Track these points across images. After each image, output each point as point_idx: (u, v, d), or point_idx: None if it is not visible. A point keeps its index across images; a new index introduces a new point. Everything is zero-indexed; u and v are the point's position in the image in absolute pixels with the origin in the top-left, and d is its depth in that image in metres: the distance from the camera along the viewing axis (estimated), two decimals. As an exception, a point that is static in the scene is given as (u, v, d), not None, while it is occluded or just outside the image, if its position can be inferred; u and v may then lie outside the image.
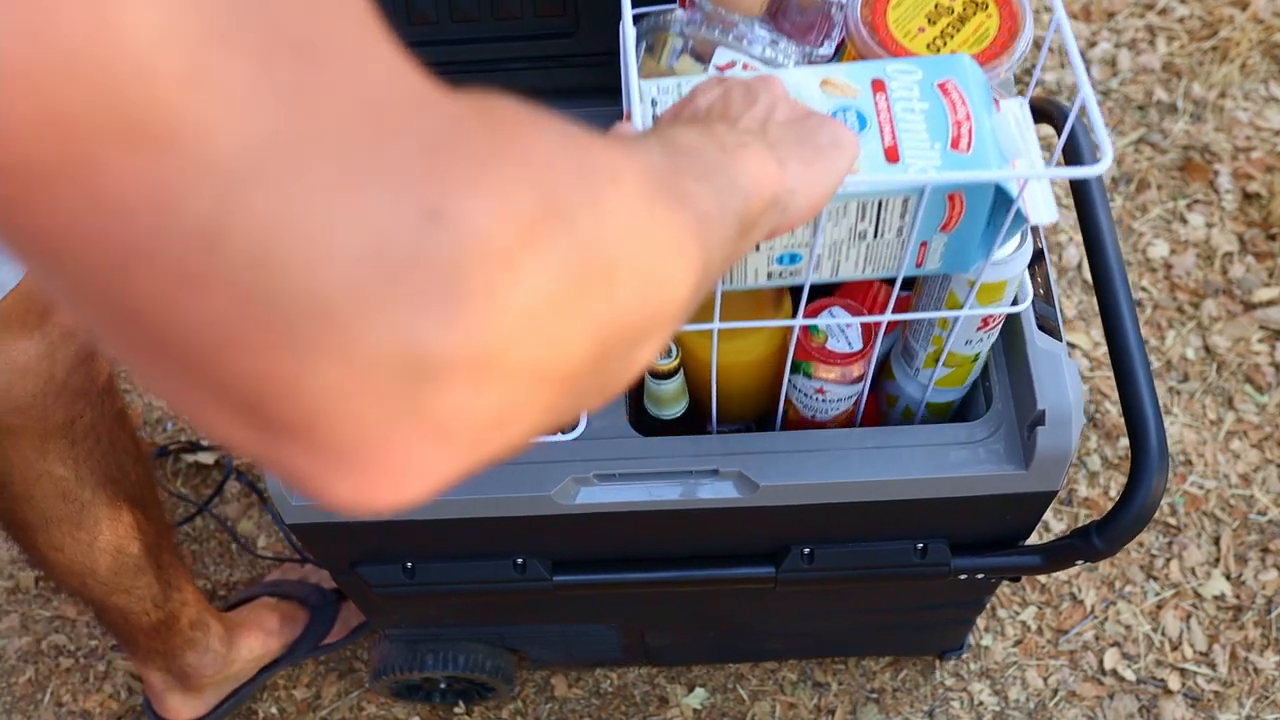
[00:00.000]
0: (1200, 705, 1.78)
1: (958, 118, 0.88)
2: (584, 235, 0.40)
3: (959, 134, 0.88)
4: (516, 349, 0.37)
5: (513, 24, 1.30)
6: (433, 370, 0.35)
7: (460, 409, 0.37)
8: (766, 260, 0.95)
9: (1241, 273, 2.12)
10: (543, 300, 0.38)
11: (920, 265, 0.96)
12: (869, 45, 1.03)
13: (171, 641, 1.61)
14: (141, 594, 1.51)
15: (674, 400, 1.16)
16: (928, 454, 1.12)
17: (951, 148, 0.87)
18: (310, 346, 0.33)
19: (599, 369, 0.44)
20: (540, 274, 0.38)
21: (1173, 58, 2.39)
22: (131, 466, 1.41)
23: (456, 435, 0.37)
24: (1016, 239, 1.01)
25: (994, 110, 0.91)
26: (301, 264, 0.32)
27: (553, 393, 0.41)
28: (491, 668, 1.60)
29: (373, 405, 0.35)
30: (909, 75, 0.91)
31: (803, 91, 0.90)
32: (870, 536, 1.23)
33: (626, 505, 1.15)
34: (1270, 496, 1.93)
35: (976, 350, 1.12)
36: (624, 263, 0.43)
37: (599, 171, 0.44)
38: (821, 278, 0.96)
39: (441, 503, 1.13)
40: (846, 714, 1.79)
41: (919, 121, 0.88)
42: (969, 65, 0.92)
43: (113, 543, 1.42)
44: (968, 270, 0.98)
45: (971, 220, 0.91)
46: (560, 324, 0.39)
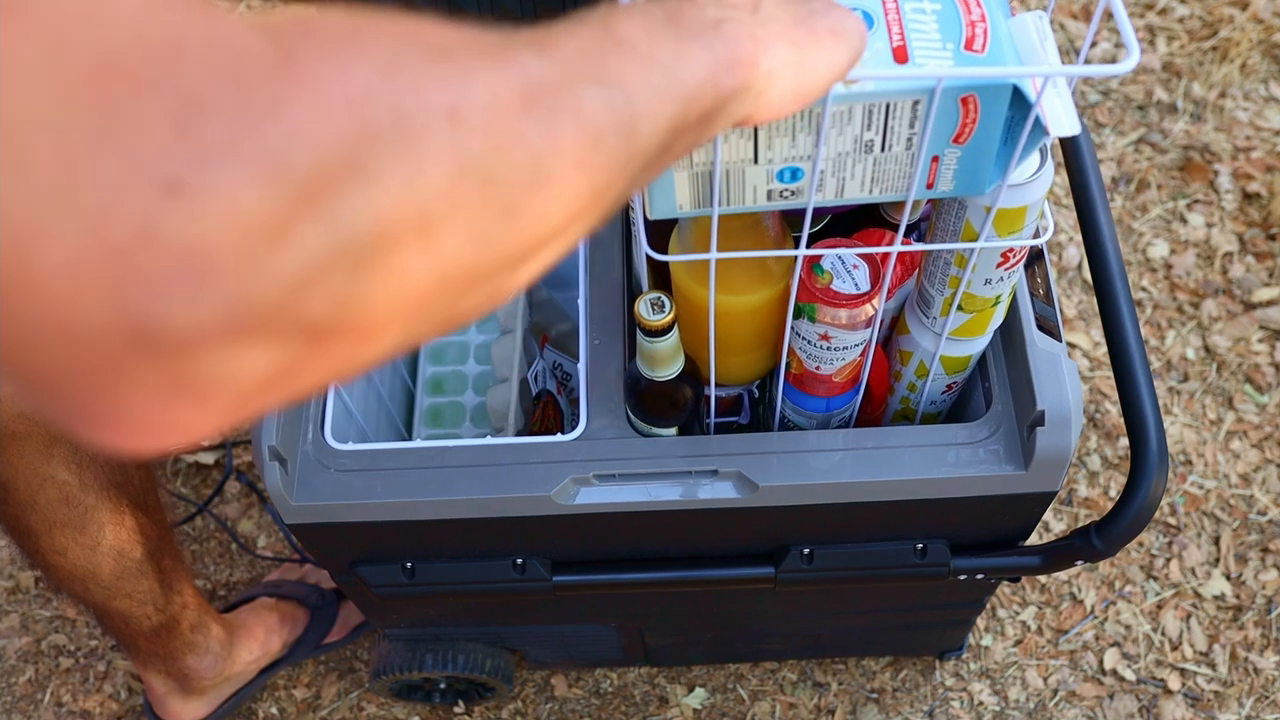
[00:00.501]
0: (1200, 705, 1.78)
1: (972, 18, 0.82)
2: (391, 190, 0.37)
3: (973, 34, 0.82)
4: (284, 315, 0.35)
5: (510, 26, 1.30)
6: (174, 343, 0.33)
7: (216, 375, 0.35)
8: (766, 176, 0.87)
9: (1241, 273, 2.13)
10: (322, 266, 0.36)
11: (931, 186, 0.89)
12: None
13: (172, 645, 1.60)
14: (143, 598, 1.51)
15: (669, 360, 1.08)
16: (927, 454, 1.12)
17: (965, 48, 0.81)
18: (30, 331, 0.32)
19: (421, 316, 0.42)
20: (320, 239, 0.35)
21: (1173, 58, 2.40)
22: (133, 471, 1.41)
23: (214, 397, 0.36)
24: (1036, 159, 0.94)
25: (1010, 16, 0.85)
26: (11, 251, 0.30)
27: (345, 346, 0.39)
28: (491, 668, 1.60)
29: (113, 377, 0.33)
30: None
31: None
32: (870, 537, 1.23)
33: (626, 506, 1.15)
34: (1270, 496, 1.93)
35: (997, 292, 1.05)
36: (450, 212, 0.40)
37: (427, 110, 0.40)
38: (825, 199, 0.89)
39: (441, 503, 1.13)
40: (846, 714, 1.79)
41: (930, 21, 0.82)
42: None
43: (115, 547, 1.42)
44: (983, 192, 0.91)
45: (986, 129, 0.84)
46: (351, 285, 0.37)
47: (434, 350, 1.65)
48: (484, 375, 1.60)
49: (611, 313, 1.23)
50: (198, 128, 0.32)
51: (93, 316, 0.32)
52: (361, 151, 0.36)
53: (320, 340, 0.37)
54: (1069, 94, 0.84)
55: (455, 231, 0.40)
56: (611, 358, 1.20)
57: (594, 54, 0.52)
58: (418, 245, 0.39)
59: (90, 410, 0.34)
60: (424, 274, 0.40)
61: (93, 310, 0.31)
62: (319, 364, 0.38)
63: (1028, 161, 0.93)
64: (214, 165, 0.32)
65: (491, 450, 1.15)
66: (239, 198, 0.33)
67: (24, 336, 0.32)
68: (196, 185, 0.32)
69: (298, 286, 0.35)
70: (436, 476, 1.13)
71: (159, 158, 0.32)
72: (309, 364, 0.38)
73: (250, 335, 0.34)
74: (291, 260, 0.34)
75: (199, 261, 0.32)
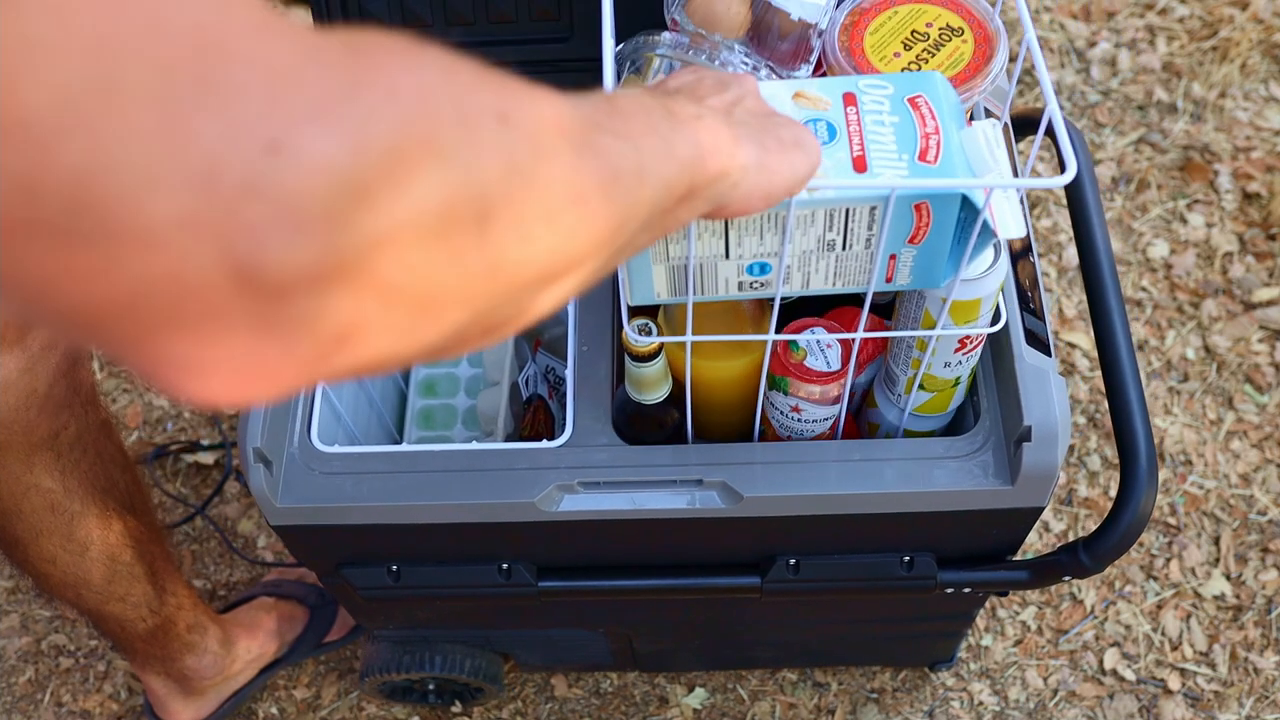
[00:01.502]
0: (1200, 705, 1.77)
1: (926, 130, 0.89)
2: (456, 173, 0.42)
3: (927, 146, 0.89)
4: (363, 269, 0.39)
5: (507, 28, 1.30)
6: (272, 285, 0.37)
7: (303, 319, 0.38)
8: (736, 270, 0.95)
9: (1241, 273, 2.12)
10: (398, 230, 0.40)
11: (890, 280, 0.97)
12: (845, 70, 1.05)
13: (169, 646, 1.61)
14: (136, 601, 1.51)
15: (656, 385, 1.12)
16: (913, 467, 1.12)
17: (919, 159, 0.88)
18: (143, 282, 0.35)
19: (473, 304, 0.46)
20: (398, 205, 0.39)
21: (1173, 58, 2.39)
22: (120, 475, 1.41)
23: (299, 344, 0.39)
24: (990, 256, 1.01)
25: (965, 126, 0.92)
26: (124, 203, 0.33)
27: (410, 318, 0.43)
28: (471, 669, 1.60)
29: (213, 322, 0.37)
30: (880, 90, 0.92)
31: (776, 102, 0.90)
32: (856, 549, 1.23)
33: (610, 514, 1.15)
34: (1270, 496, 1.93)
35: (956, 374, 1.12)
36: (502, 205, 0.44)
37: (483, 111, 0.44)
38: (792, 290, 0.97)
39: (427, 507, 1.14)
40: (846, 714, 1.79)
41: (888, 134, 0.89)
42: (940, 82, 0.93)
43: (105, 552, 1.42)
44: (939, 286, 0.98)
45: (939, 232, 0.92)
46: (420, 254, 0.41)
47: (427, 352, 1.65)
48: (476, 378, 1.61)
49: (599, 320, 1.23)
50: (289, 97, 0.36)
51: (203, 262, 0.35)
52: (431, 134, 0.41)
53: (390, 302, 0.41)
54: (1017, 199, 0.92)
55: (505, 226, 0.45)
56: (599, 365, 1.20)
57: (605, 114, 0.58)
58: (475, 231, 0.43)
59: (185, 357, 0.37)
60: (477, 261, 0.44)
61: (203, 256, 0.35)
62: (385, 328, 0.42)
63: (982, 257, 1.00)
64: (307, 129, 0.36)
65: (477, 455, 1.15)
66: (330, 159, 0.37)
67: (136, 288, 0.35)
68: (293, 146, 0.36)
69: (376, 245, 0.39)
70: (421, 480, 1.14)
71: (259, 121, 0.35)
72: (377, 326, 0.41)
73: (335, 283, 0.38)
74: (373, 220, 0.38)
75: (296, 213, 0.36)
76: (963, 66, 1.04)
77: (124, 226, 0.34)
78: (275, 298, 0.37)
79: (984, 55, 1.05)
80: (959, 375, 1.12)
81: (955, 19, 1.07)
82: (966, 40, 1.06)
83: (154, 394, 2.10)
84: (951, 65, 1.04)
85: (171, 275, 0.35)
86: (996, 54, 1.04)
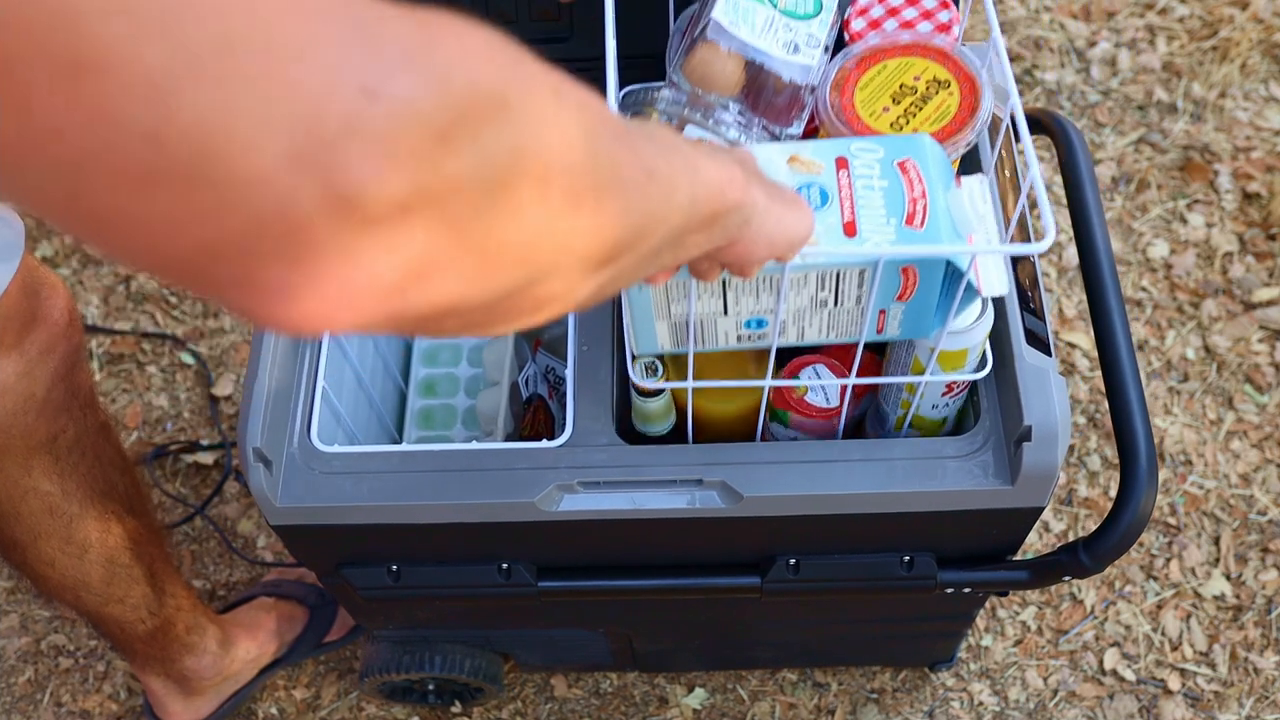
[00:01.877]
0: (1200, 705, 1.77)
1: (914, 195, 0.94)
2: (522, 131, 0.46)
3: (914, 210, 0.94)
4: (441, 209, 0.43)
5: (506, 28, 1.30)
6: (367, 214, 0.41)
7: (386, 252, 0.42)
8: (735, 324, 1.02)
9: (1241, 273, 2.12)
10: (472, 173, 0.44)
11: (881, 331, 1.02)
12: (836, 125, 1.08)
13: (169, 647, 1.61)
14: (136, 603, 1.51)
15: (661, 417, 1.17)
16: (913, 467, 1.12)
17: (906, 224, 0.93)
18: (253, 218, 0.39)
19: (527, 264, 0.50)
20: (473, 151, 0.43)
21: (1173, 58, 2.39)
22: (118, 478, 1.41)
23: (382, 275, 0.43)
24: (977, 308, 1.05)
25: (954, 186, 0.97)
26: (239, 147, 0.37)
27: (475, 264, 0.47)
28: (470, 669, 1.60)
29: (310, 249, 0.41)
30: (871, 154, 0.97)
31: (770, 167, 0.96)
32: (856, 548, 1.23)
33: (610, 513, 1.15)
34: (1270, 496, 1.93)
35: (944, 415, 1.16)
36: (558, 171, 0.48)
37: (538, 80, 0.48)
38: (788, 341, 1.03)
39: (426, 507, 1.14)
40: (846, 714, 1.79)
41: (878, 198, 0.95)
42: (929, 145, 0.98)
43: (104, 555, 1.42)
44: (927, 336, 1.04)
45: (926, 291, 0.97)
46: (488, 201, 0.45)
47: (427, 352, 1.65)
48: (476, 378, 1.61)
49: (600, 320, 1.23)
50: (377, 49, 0.40)
51: (308, 195, 0.39)
52: (500, 91, 0.45)
53: (460, 243, 0.45)
54: (1001, 259, 0.99)
55: (559, 191, 0.49)
56: (599, 365, 1.20)
57: (639, 125, 0.63)
58: (535, 190, 0.47)
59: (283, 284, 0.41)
60: (534, 219, 0.48)
61: (308, 190, 0.39)
62: (453, 269, 0.46)
63: (969, 310, 1.05)
64: (397, 77, 0.40)
65: (477, 455, 1.15)
66: (418, 102, 0.41)
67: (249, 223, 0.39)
68: (385, 91, 0.40)
69: (453, 185, 0.43)
70: (421, 480, 1.14)
71: (355, 69, 0.39)
72: (447, 266, 0.45)
73: (417, 215, 0.42)
74: (453, 162, 0.42)
75: (388, 150, 0.40)
76: (949, 120, 1.08)
77: (241, 167, 0.38)
78: (367, 226, 0.41)
79: (970, 108, 1.08)
80: (946, 416, 1.17)
81: (943, 72, 1.10)
82: (953, 93, 1.09)
83: (154, 394, 2.10)
84: (938, 118, 1.08)
85: (280, 209, 0.39)
86: (981, 106, 1.08)
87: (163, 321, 2.18)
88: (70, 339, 1.27)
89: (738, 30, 1.09)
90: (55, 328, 1.25)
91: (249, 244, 0.40)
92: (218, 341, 2.15)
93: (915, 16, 1.18)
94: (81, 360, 1.31)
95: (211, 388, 2.10)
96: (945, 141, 1.06)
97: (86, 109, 0.35)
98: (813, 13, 1.13)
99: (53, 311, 1.25)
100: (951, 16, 1.18)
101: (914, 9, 1.18)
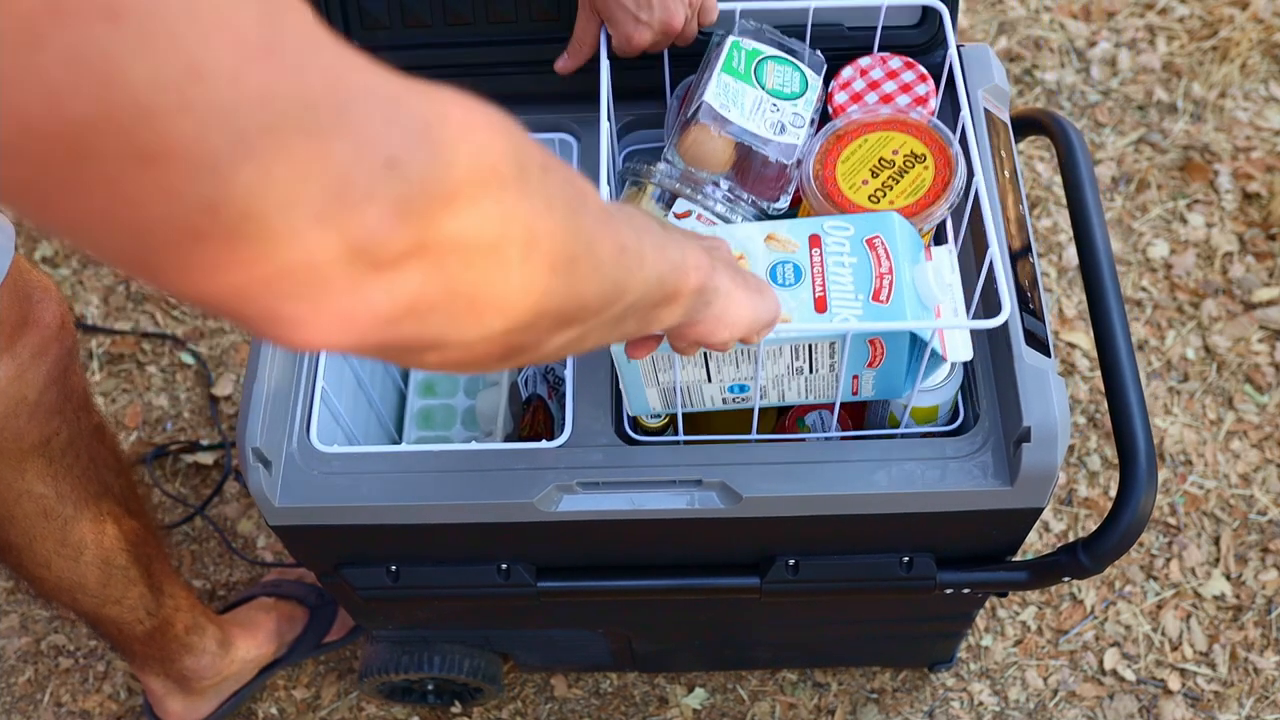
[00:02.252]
0: (1200, 705, 1.77)
1: (881, 271, 1.03)
2: (512, 203, 0.53)
3: (880, 286, 1.02)
4: (436, 260, 0.50)
5: (505, 28, 1.30)
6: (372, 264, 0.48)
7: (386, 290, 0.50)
8: (719, 389, 1.10)
9: (1241, 273, 2.12)
10: (467, 234, 0.51)
11: (856, 394, 1.11)
12: (818, 198, 1.16)
13: (168, 647, 1.61)
14: (133, 604, 1.51)
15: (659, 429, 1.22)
16: (912, 468, 1.12)
17: (873, 299, 1.02)
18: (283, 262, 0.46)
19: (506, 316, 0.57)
20: (470, 216, 0.51)
21: (1173, 58, 2.39)
22: (113, 479, 1.41)
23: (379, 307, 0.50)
24: (946, 369, 1.13)
25: (922, 259, 1.05)
26: (277, 208, 0.44)
27: (460, 308, 0.54)
28: (469, 669, 1.60)
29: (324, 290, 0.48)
30: (842, 231, 1.06)
31: (749, 245, 1.05)
32: (856, 549, 1.23)
33: (610, 514, 1.15)
34: (1270, 496, 1.93)
35: (936, 401, 1.19)
36: (541, 238, 0.56)
37: (531, 156, 0.56)
38: (769, 403, 1.13)
39: (426, 507, 1.14)
40: (846, 714, 1.79)
41: (847, 275, 1.03)
42: (897, 223, 1.06)
43: (100, 556, 1.42)
44: (900, 397, 1.12)
45: (894, 359, 1.06)
46: (478, 258, 0.52)
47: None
48: (475, 378, 1.61)
49: None
50: (399, 123, 0.48)
51: (330, 248, 0.46)
52: (496, 166, 0.52)
53: (449, 290, 0.52)
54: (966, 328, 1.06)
55: (541, 255, 0.56)
56: (599, 365, 1.20)
57: (616, 205, 0.71)
58: (521, 254, 0.55)
59: (297, 316, 0.49)
60: (516, 279, 0.55)
61: (331, 245, 0.46)
62: (440, 312, 0.53)
63: (938, 371, 1.13)
64: (414, 152, 0.48)
65: (476, 455, 1.15)
66: (431, 174, 0.48)
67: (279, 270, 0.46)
68: (405, 162, 0.47)
69: (451, 244, 0.50)
70: (421, 480, 1.14)
71: (382, 146, 0.46)
72: (435, 308, 0.52)
73: (416, 264, 0.49)
74: (452, 224, 0.50)
75: (402, 212, 0.47)
76: (924, 193, 1.14)
77: (278, 228, 0.44)
78: (374, 270, 0.48)
79: (943, 180, 1.15)
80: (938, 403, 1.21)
81: (919, 145, 1.17)
82: (928, 166, 1.16)
83: (153, 394, 2.10)
84: (914, 191, 1.14)
85: (306, 260, 0.46)
86: (954, 179, 1.14)
87: (163, 321, 2.18)
88: (63, 342, 1.27)
89: (729, 113, 1.18)
90: (47, 331, 1.25)
91: (275, 286, 0.47)
92: (218, 341, 2.15)
93: (895, 90, 1.27)
94: (75, 363, 1.31)
95: (211, 388, 2.10)
96: (920, 214, 1.13)
97: (161, 187, 0.42)
98: (799, 92, 1.22)
99: (44, 315, 1.25)
100: (928, 90, 1.25)
101: (894, 82, 1.27)
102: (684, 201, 1.17)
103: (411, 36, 1.30)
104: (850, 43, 1.30)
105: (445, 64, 1.31)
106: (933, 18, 1.28)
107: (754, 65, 1.22)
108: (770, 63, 1.22)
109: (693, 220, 1.18)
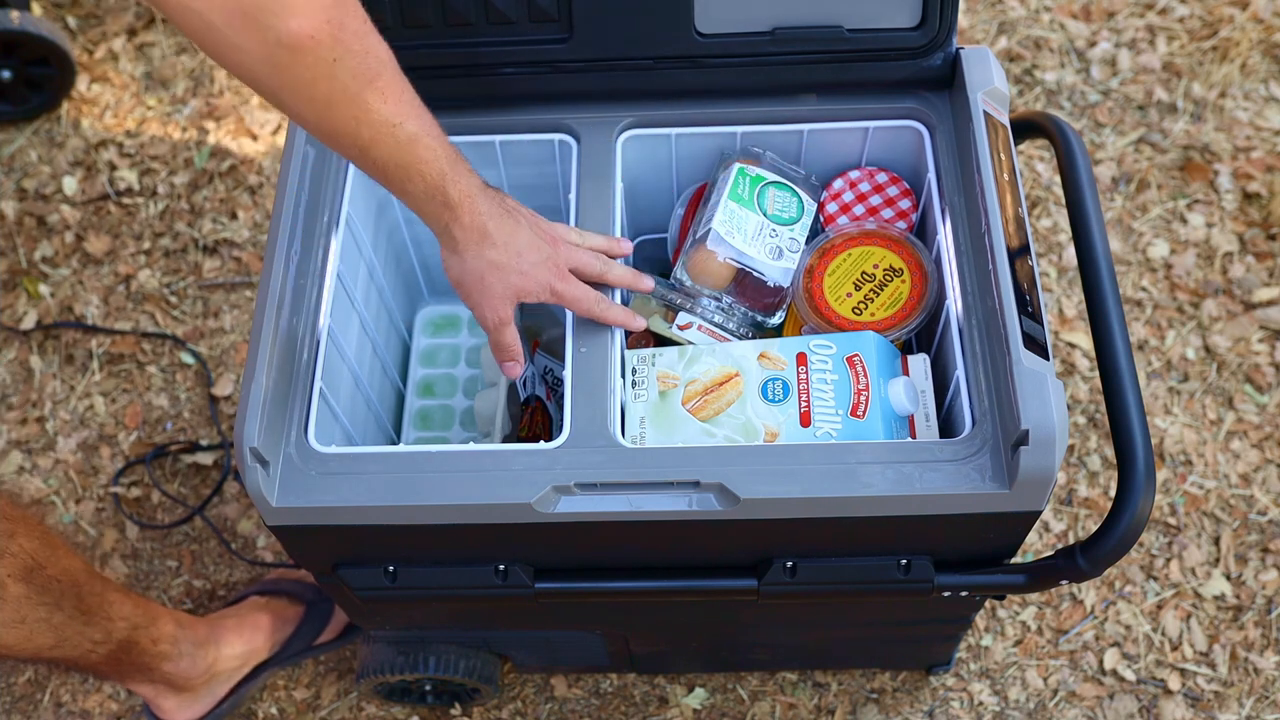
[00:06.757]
0: (1200, 705, 1.77)
1: (859, 387, 1.21)
2: None
3: (858, 402, 1.20)
4: None
5: (506, 28, 1.30)
6: None
7: None
8: None
9: (1241, 273, 2.12)
10: None
11: None
12: (806, 310, 1.32)
13: (139, 660, 1.58)
14: (75, 642, 1.46)
15: None
16: (910, 471, 1.12)
17: (851, 414, 1.20)
18: None
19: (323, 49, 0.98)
20: None
21: (1173, 58, 2.39)
22: (7, 542, 1.35)
23: None
24: None
25: (898, 373, 1.24)
26: None
27: None
28: (466, 669, 1.60)
29: None
30: (826, 350, 1.24)
31: (744, 362, 1.25)
32: (854, 551, 1.23)
33: (607, 515, 1.15)
34: (1270, 496, 1.93)
35: None
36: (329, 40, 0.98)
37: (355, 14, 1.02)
38: None
39: (424, 508, 1.14)
40: (846, 714, 1.79)
41: (829, 391, 1.21)
42: (874, 341, 1.23)
43: (15, 615, 1.37)
44: None
45: None
46: None
47: (425, 353, 1.65)
48: (474, 379, 1.61)
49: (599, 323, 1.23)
50: None
51: None
52: None
53: None
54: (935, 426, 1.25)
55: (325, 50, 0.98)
56: (598, 366, 1.20)
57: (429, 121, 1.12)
58: None
59: None
60: None
61: None
62: None
63: None
64: None
65: (474, 456, 1.15)
66: None
67: None
68: None
69: None
70: (418, 481, 1.14)
71: None
72: None
73: None
74: None
75: None
76: (900, 305, 1.30)
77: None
78: None
79: (919, 294, 1.30)
80: None
81: (897, 260, 1.32)
82: (905, 280, 1.31)
83: (153, 394, 2.10)
84: (892, 304, 1.30)
85: None
86: (929, 293, 1.29)
87: (163, 321, 2.18)
88: None
89: (732, 239, 1.33)
90: None
91: None
92: (218, 341, 2.15)
93: (880, 203, 1.40)
94: None
95: (211, 388, 2.10)
96: (896, 326, 1.28)
97: None
98: (795, 218, 1.38)
99: None
100: (910, 205, 1.39)
101: (879, 196, 1.40)
102: (686, 315, 1.35)
103: (411, 36, 1.30)
104: None
105: (445, 64, 1.31)
106: (932, 19, 1.29)
107: (756, 191, 1.36)
108: (771, 189, 1.37)
109: (694, 331, 1.34)
